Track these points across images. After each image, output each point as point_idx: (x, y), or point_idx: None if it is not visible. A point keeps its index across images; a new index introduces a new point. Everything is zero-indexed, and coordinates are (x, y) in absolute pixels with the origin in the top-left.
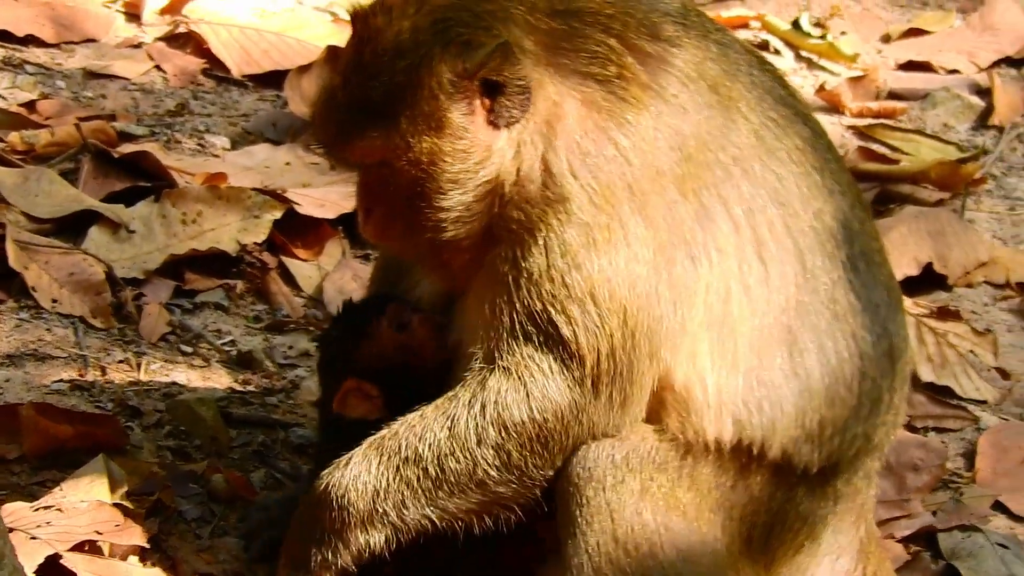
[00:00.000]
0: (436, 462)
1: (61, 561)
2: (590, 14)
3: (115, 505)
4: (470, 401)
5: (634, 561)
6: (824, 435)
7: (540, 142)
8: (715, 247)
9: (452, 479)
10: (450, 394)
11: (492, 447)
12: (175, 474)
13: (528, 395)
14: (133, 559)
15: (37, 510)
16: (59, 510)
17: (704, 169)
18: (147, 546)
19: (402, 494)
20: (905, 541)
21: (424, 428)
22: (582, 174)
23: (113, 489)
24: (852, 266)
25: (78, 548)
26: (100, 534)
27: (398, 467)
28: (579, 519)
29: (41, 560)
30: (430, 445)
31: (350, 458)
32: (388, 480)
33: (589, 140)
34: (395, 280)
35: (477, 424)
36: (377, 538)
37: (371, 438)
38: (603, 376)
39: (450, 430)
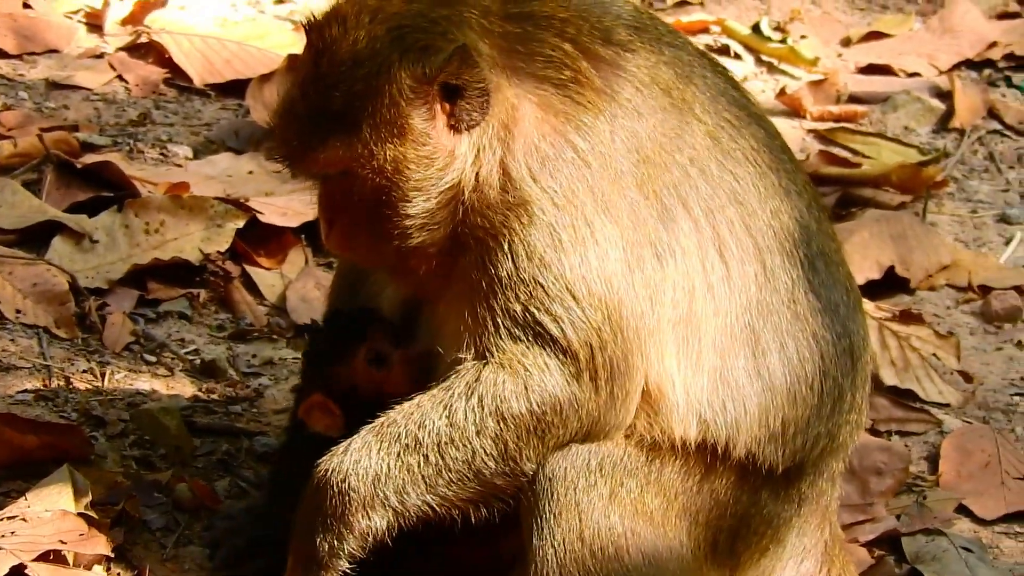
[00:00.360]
0: (436, 449)
1: (26, 571)
2: (544, 18)
3: (80, 515)
4: (466, 392)
5: (599, 563)
6: (788, 434)
7: (498, 146)
8: (679, 246)
9: (451, 466)
10: (444, 384)
11: (490, 437)
12: (140, 483)
13: (527, 388)
14: (98, 568)
15: (2, 520)
16: (24, 520)
17: (662, 170)
18: (112, 555)
19: (403, 479)
20: (869, 545)
21: (423, 416)
22: (541, 177)
23: (78, 499)
24: (811, 265)
25: (43, 558)
26: (65, 544)
27: (398, 453)
28: (548, 513)
29: (6, 570)
30: (429, 432)
31: (349, 444)
32: (389, 465)
33: (547, 143)
34: (356, 287)
35: (476, 415)
36: (379, 523)
37: (369, 425)
38: (600, 371)
39: (448, 419)
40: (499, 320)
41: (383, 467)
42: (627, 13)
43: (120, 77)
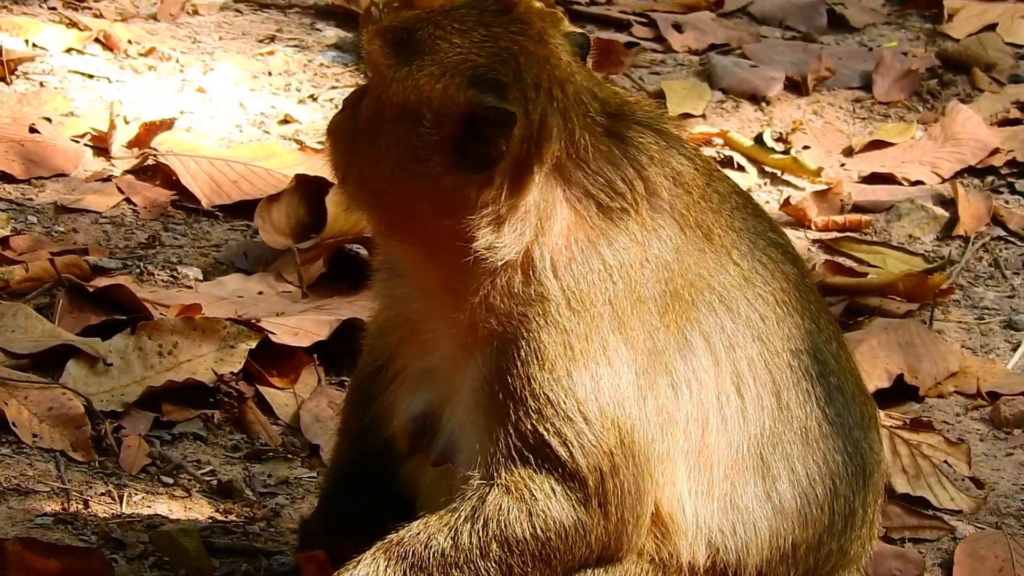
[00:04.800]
0: (441, 570)
1: None
2: (636, 147)
3: None
4: (472, 515)
5: None
6: (798, 554)
7: (529, 232)
8: (696, 379)
9: None
10: (451, 506)
11: (495, 561)
12: None
13: (531, 513)
14: None
15: None
16: None
17: (688, 306)
18: None
19: None
20: None
21: (429, 537)
22: (564, 275)
23: None
24: (827, 398)
25: None
26: None
27: (405, 572)
28: None
29: None
30: (434, 553)
31: (359, 560)
32: None
33: (577, 248)
34: (368, 405)
35: (480, 538)
36: None
37: (379, 543)
38: (610, 497)
39: (453, 541)
40: (511, 440)
41: None
42: (693, 153)
43: (128, 200)
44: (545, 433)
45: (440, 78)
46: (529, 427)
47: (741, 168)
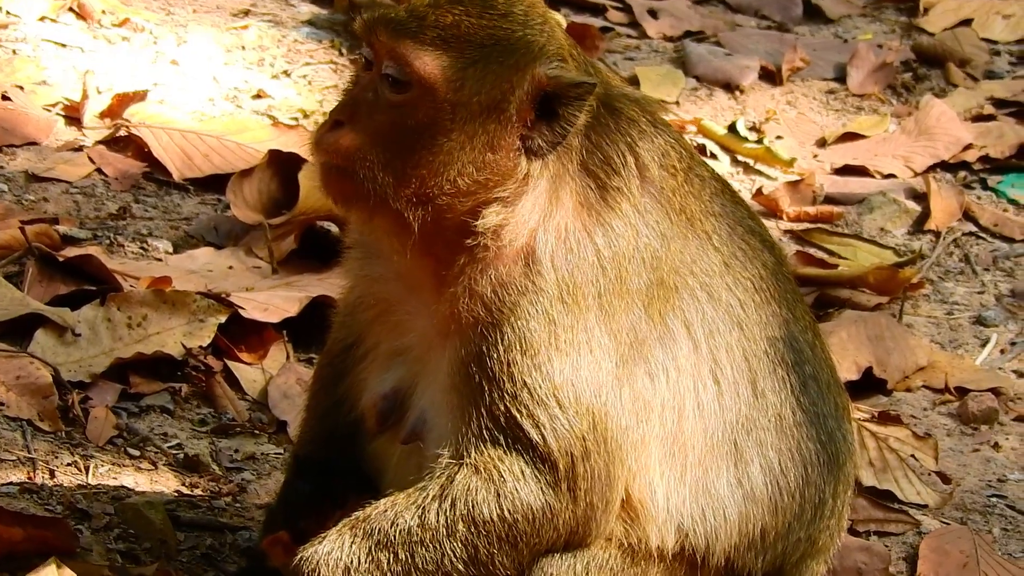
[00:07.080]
0: (407, 547)
1: None
2: (628, 122)
3: None
4: (440, 494)
5: None
6: (767, 541)
7: (537, 213)
8: (674, 366)
9: (420, 565)
10: (420, 484)
11: (460, 541)
12: None
13: (499, 495)
14: None
15: None
16: None
17: (672, 293)
18: None
19: (371, 574)
20: None
21: (396, 514)
22: (561, 268)
23: None
24: (803, 387)
25: None
26: None
27: (370, 548)
28: None
29: None
30: (400, 531)
31: (325, 536)
32: (360, 559)
33: (575, 238)
34: (337, 382)
35: (447, 517)
36: None
37: (345, 520)
38: (580, 481)
39: (420, 519)
40: (483, 420)
41: (353, 560)
42: (676, 136)
43: (99, 170)
44: (518, 415)
45: (516, 65)
46: (503, 408)
47: (714, 156)
